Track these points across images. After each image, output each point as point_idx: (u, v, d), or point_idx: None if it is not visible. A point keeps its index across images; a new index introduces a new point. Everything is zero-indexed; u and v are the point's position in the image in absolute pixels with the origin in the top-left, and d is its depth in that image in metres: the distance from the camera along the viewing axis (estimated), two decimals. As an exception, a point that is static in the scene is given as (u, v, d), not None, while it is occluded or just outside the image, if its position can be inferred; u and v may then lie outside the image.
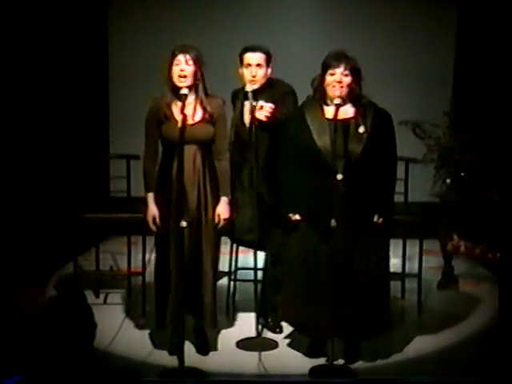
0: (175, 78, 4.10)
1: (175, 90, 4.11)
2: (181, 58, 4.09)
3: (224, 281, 4.99)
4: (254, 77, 4.48)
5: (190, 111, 4.13)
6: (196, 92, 4.14)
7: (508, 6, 5.93)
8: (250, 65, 4.50)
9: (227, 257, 4.97)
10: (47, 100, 6.34)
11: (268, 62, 4.53)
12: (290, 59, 6.83)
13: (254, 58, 4.50)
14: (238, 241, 4.77)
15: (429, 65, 7.12)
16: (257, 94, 4.42)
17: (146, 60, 7.12)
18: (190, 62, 4.09)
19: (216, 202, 4.21)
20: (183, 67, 4.09)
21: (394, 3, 7.29)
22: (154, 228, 4.19)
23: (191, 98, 4.14)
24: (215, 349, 4.43)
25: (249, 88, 4.44)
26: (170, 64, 4.12)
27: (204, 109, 4.17)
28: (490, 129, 5.49)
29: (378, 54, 6.91)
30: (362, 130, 4.04)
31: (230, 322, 4.84)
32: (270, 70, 4.54)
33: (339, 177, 3.97)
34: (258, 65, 4.49)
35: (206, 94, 4.20)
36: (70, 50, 6.68)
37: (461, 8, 7.20)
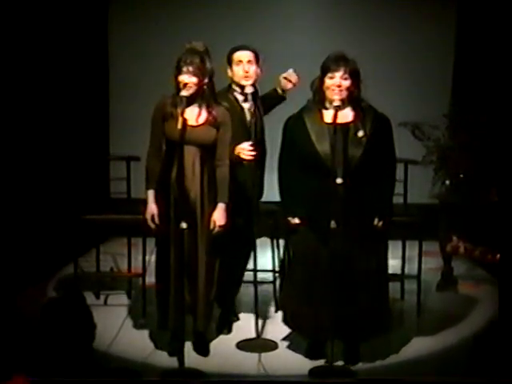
0: (180, 86, 4.11)
1: (178, 92, 4.13)
2: (185, 69, 4.09)
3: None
4: (246, 72, 4.48)
5: (195, 113, 4.15)
6: (202, 96, 4.15)
7: (508, 6, 5.95)
8: (240, 61, 4.50)
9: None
10: (47, 101, 6.34)
11: (257, 60, 4.53)
12: (289, 60, 6.83)
13: (244, 55, 4.51)
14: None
15: (428, 66, 7.12)
16: (255, 97, 4.43)
17: (146, 60, 7.15)
18: (193, 74, 4.09)
19: (213, 207, 4.22)
20: (187, 79, 4.10)
21: (393, 3, 7.30)
22: (152, 226, 4.19)
23: (197, 101, 4.15)
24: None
25: (248, 90, 4.44)
26: (175, 73, 4.12)
27: (209, 112, 4.19)
28: (489, 130, 5.50)
29: (377, 55, 6.92)
30: (361, 133, 4.04)
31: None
32: (259, 70, 4.55)
33: (339, 181, 3.97)
34: (249, 61, 4.50)
35: (215, 100, 4.22)
36: (70, 50, 6.69)
37: (460, 8, 7.20)
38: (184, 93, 4.07)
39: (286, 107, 4.53)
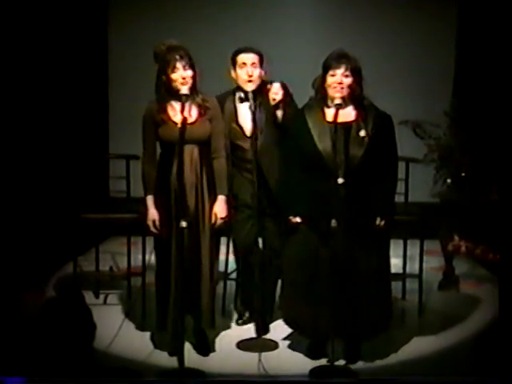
0: (176, 84, 4.08)
1: (172, 92, 4.11)
2: (179, 65, 4.08)
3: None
4: (250, 76, 4.46)
5: (188, 109, 4.12)
6: (191, 92, 4.12)
7: (508, 5, 5.93)
8: (244, 64, 4.48)
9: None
10: (47, 100, 6.33)
11: (261, 63, 4.51)
12: (289, 60, 6.84)
13: (248, 57, 4.49)
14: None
15: (429, 65, 7.12)
16: (256, 96, 4.41)
17: (146, 60, 7.07)
18: (188, 67, 4.09)
19: (213, 201, 4.21)
20: (184, 74, 4.08)
21: (394, 3, 7.29)
22: (155, 231, 4.18)
23: (191, 96, 4.12)
24: (213, 350, 4.42)
25: (249, 88, 4.43)
26: (167, 70, 4.09)
27: (199, 107, 4.17)
28: (490, 129, 5.48)
29: (378, 54, 6.91)
30: (362, 133, 4.02)
31: (228, 323, 4.83)
32: (263, 72, 4.53)
33: (340, 180, 3.94)
34: (253, 64, 4.48)
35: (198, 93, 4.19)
36: (69, 49, 6.68)
37: (461, 8, 7.20)
38: (184, 90, 4.04)
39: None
